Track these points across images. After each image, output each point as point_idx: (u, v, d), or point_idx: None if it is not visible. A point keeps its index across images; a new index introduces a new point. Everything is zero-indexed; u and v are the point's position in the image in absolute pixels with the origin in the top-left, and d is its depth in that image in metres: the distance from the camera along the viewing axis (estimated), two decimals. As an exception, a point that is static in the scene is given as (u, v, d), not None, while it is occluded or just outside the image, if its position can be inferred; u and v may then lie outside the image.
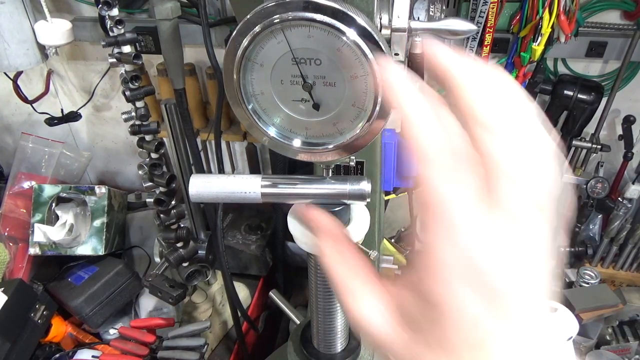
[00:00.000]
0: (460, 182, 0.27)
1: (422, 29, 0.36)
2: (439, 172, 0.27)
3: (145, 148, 1.06)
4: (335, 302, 0.61)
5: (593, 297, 1.23)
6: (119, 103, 1.55)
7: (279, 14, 0.34)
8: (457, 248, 0.26)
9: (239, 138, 1.44)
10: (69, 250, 1.34)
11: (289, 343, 0.71)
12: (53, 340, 1.32)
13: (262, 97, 0.39)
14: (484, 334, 0.27)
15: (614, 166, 1.37)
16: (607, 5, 1.17)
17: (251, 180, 0.45)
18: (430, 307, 0.27)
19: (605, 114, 1.27)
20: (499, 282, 0.26)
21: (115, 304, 1.36)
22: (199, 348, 1.19)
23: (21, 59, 1.18)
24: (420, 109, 0.28)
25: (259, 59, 0.37)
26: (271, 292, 0.94)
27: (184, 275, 1.21)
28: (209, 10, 1.24)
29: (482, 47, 1.18)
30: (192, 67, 1.34)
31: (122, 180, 1.78)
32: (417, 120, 0.27)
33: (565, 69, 1.29)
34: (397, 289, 0.30)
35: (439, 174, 0.27)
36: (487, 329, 0.26)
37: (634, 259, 1.40)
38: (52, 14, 1.16)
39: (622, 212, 1.30)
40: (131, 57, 0.97)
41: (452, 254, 0.26)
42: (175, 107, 1.05)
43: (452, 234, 0.26)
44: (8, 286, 1.21)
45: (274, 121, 0.41)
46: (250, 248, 1.48)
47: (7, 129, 1.68)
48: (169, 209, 1.11)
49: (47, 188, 1.36)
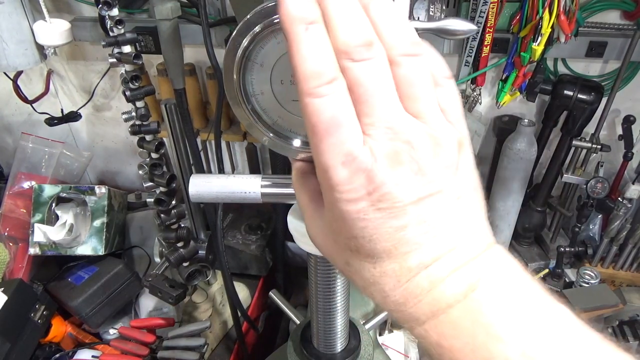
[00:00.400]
0: (343, 104, 0.28)
1: (422, 28, 0.36)
2: (323, 94, 0.28)
3: (145, 148, 1.06)
4: (335, 302, 0.61)
5: (593, 297, 1.23)
6: (119, 103, 1.55)
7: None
8: (352, 166, 0.28)
9: (239, 138, 1.44)
10: (69, 250, 1.34)
11: (289, 343, 0.71)
12: (53, 340, 1.32)
13: (262, 97, 0.39)
14: (393, 240, 0.30)
15: (614, 166, 1.37)
16: (607, 5, 1.17)
17: (251, 180, 0.45)
18: (341, 222, 0.31)
19: (605, 114, 1.27)
20: (394, 191, 0.29)
21: (115, 304, 1.36)
22: (199, 348, 1.19)
23: (20, 59, 1.18)
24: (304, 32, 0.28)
25: (259, 59, 0.37)
26: (271, 292, 0.94)
27: (184, 275, 1.21)
28: (209, 10, 1.24)
29: (482, 47, 1.18)
30: (192, 67, 1.34)
31: (122, 180, 1.78)
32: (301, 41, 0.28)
33: (565, 69, 1.30)
34: (324, 209, 0.34)
35: (324, 97, 0.28)
36: (392, 236, 0.30)
37: (634, 259, 1.40)
38: (52, 14, 1.17)
39: (622, 212, 1.30)
40: (131, 57, 0.97)
41: (347, 172, 0.29)
42: (175, 107, 1.05)
43: (345, 153, 0.28)
44: (8, 286, 1.21)
45: (274, 121, 0.41)
46: (250, 248, 1.48)
47: (7, 129, 1.68)
48: (169, 209, 1.11)
49: (47, 188, 1.36)
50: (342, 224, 0.31)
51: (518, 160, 1.30)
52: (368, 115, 0.29)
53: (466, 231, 0.31)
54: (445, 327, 0.30)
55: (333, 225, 0.32)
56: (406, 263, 0.31)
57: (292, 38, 0.28)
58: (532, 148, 1.29)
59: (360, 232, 0.30)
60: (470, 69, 1.25)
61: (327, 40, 0.28)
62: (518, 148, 1.28)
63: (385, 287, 0.32)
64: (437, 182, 0.30)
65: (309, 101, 0.28)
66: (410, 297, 0.31)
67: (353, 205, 0.29)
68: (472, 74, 1.25)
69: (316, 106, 0.28)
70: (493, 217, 1.44)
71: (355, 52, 0.28)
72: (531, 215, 1.44)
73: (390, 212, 0.29)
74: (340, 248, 0.33)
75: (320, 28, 0.28)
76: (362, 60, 0.28)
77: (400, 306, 0.32)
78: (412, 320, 0.32)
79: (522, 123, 1.27)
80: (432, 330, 0.31)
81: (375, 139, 0.29)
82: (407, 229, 0.30)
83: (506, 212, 1.41)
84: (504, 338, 0.29)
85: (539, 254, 1.50)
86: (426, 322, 0.31)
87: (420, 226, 0.30)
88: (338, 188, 0.29)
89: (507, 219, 1.43)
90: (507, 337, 0.29)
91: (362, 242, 0.31)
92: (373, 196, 0.29)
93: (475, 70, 1.24)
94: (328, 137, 0.28)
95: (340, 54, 0.28)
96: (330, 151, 0.29)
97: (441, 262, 0.31)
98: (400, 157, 0.29)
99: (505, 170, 1.34)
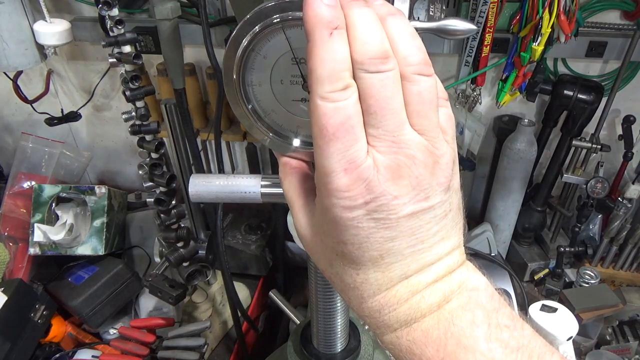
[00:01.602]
0: (353, 113, 0.29)
1: (422, 28, 0.36)
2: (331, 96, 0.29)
3: (145, 148, 1.06)
4: (335, 302, 0.61)
5: (593, 297, 1.23)
6: (119, 103, 1.55)
7: (279, 14, 0.34)
8: (353, 174, 0.29)
9: (239, 138, 1.44)
10: (69, 250, 1.33)
11: (289, 343, 0.71)
12: (53, 340, 1.32)
13: (262, 97, 0.39)
14: (381, 250, 0.31)
15: (614, 166, 1.37)
16: (607, 5, 1.17)
17: (251, 180, 0.45)
18: (333, 226, 0.31)
19: (605, 114, 1.27)
20: (391, 203, 0.29)
21: (115, 304, 1.35)
22: (199, 348, 1.19)
23: (20, 59, 1.18)
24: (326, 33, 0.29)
25: (259, 59, 0.37)
26: (271, 292, 0.94)
27: (184, 275, 1.21)
28: (209, 10, 1.24)
29: (482, 47, 1.18)
30: (192, 67, 1.34)
31: (122, 180, 1.78)
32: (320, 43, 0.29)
33: (565, 69, 1.29)
34: (316, 210, 0.34)
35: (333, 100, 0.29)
36: (381, 246, 0.31)
37: (634, 259, 1.40)
38: (52, 14, 1.17)
39: (622, 212, 1.30)
40: (131, 57, 0.97)
41: (348, 179, 0.29)
42: (175, 107, 1.05)
43: (348, 160, 0.29)
44: (8, 286, 1.21)
45: (274, 121, 0.41)
46: (250, 248, 1.48)
47: (7, 128, 1.68)
48: (169, 208, 1.11)
49: (47, 188, 1.36)
50: (333, 228, 0.32)
51: (518, 160, 1.30)
52: (375, 126, 0.29)
53: (448, 247, 0.33)
54: (417, 335, 0.32)
55: (324, 227, 0.33)
56: (389, 273, 0.32)
57: (314, 39, 0.28)
58: (532, 148, 1.29)
59: (350, 239, 0.31)
60: (470, 69, 1.25)
61: (347, 48, 0.28)
62: (518, 148, 1.28)
63: (364, 293, 0.33)
64: (431, 199, 0.31)
65: (321, 104, 0.29)
66: (386, 305, 0.33)
67: (348, 212, 0.30)
68: (472, 74, 1.25)
69: (328, 110, 0.28)
70: (493, 217, 1.44)
71: (372, 63, 0.28)
72: (531, 215, 1.44)
73: (384, 223, 0.30)
74: (326, 249, 0.34)
75: (344, 35, 0.28)
76: (377, 72, 0.28)
77: (374, 312, 0.33)
78: (384, 326, 0.33)
79: (522, 123, 1.27)
80: (404, 338, 0.32)
81: (380, 151, 0.29)
82: (397, 241, 0.31)
83: (506, 212, 1.41)
84: (472, 348, 0.30)
85: (539, 254, 1.50)
86: (398, 330, 0.33)
87: (409, 239, 0.31)
88: (336, 194, 0.30)
89: (507, 219, 1.43)
90: (475, 347, 0.30)
91: (351, 248, 0.31)
92: (370, 206, 0.30)
93: (475, 70, 1.24)
94: (335, 142, 0.29)
95: (356, 64, 0.28)
96: (335, 156, 0.29)
97: (422, 275, 0.32)
98: (401, 171, 0.29)
99: (505, 170, 1.34)
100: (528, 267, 1.46)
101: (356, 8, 0.29)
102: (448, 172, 0.31)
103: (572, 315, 0.93)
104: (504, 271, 1.32)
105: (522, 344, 0.31)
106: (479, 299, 0.32)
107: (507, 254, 1.54)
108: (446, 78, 1.35)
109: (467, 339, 0.30)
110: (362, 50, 0.28)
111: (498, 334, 0.31)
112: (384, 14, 0.30)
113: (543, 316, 0.92)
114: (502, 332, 0.31)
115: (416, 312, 0.32)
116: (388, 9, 0.30)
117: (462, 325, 0.31)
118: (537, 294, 1.44)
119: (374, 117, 0.29)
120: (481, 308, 0.32)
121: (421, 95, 0.30)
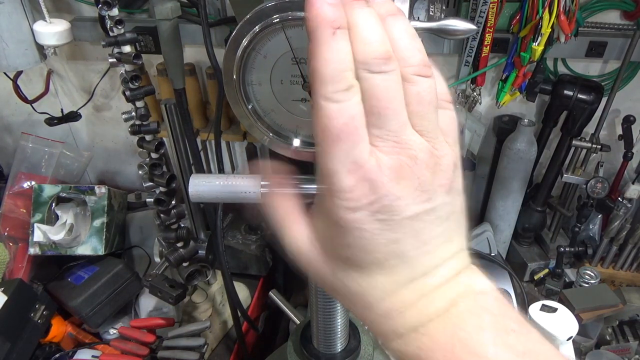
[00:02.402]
0: (356, 113, 0.29)
1: (421, 28, 0.36)
2: (337, 96, 0.28)
3: (145, 148, 1.06)
4: (336, 302, 0.61)
5: (593, 297, 1.23)
6: (119, 103, 1.55)
7: (279, 14, 0.34)
8: (357, 174, 0.29)
9: (239, 138, 1.44)
10: (69, 250, 1.33)
11: (289, 343, 0.71)
12: (53, 340, 1.32)
13: (262, 96, 0.39)
14: (385, 252, 0.30)
15: (614, 166, 1.37)
16: (607, 5, 1.17)
17: (251, 180, 0.44)
18: (336, 229, 0.31)
19: (605, 114, 1.27)
20: (395, 204, 0.29)
21: (115, 304, 1.35)
22: (199, 348, 1.19)
23: (20, 59, 1.18)
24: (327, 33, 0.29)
25: (259, 59, 0.37)
26: (271, 292, 0.94)
27: (184, 275, 1.21)
28: (209, 10, 1.24)
29: (482, 47, 1.18)
30: (192, 67, 1.34)
31: (122, 180, 1.78)
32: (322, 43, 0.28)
33: (565, 69, 1.29)
34: (314, 216, 0.35)
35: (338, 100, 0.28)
36: (385, 248, 0.30)
37: (634, 259, 1.40)
38: (52, 14, 1.16)
39: (622, 212, 1.30)
40: (131, 57, 0.97)
41: (352, 180, 0.29)
42: (175, 107, 1.05)
43: (352, 161, 0.29)
44: (8, 286, 1.21)
45: (273, 121, 0.41)
46: (250, 248, 1.48)
47: (7, 129, 1.68)
48: (169, 208, 1.11)
49: (47, 188, 1.36)
50: (336, 231, 0.31)
51: (518, 160, 1.30)
52: (378, 127, 0.29)
53: (452, 249, 0.33)
54: (425, 340, 0.31)
55: (326, 232, 0.33)
56: (395, 276, 0.31)
57: (317, 39, 0.28)
58: (532, 148, 1.29)
59: (354, 241, 0.31)
60: (470, 69, 1.25)
61: (350, 48, 0.28)
62: (518, 148, 1.28)
63: (370, 298, 0.33)
64: (433, 200, 0.31)
65: (324, 104, 0.28)
66: (393, 310, 0.32)
67: (352, 214, 0.30)
68: (472, 74, 1.25)
69: (331, 111, 0.28)
70: (493, 217, 1.44)
71: (374, 64, 0.28)
72: (531, 215, 1.44)
73: (388, 224, 0.30)
74: (328, 257, 0.34)
75: (346, 35, 0.28)
76: (379, 73, 0.28)
77: (381, 318, 0.33)
78: (391, 333, 0.33)
79: (522, 123, 1.27)
80: (411, 344, 0.32)
81: (383, 151, 0.29)
82: (401, 243, 0.30)
83: (506, 212, 1.41)
84: (481, 354, 0.30)
85: (539, 254, 1.50)
86: (405, 335, 0.32)
87: (413, 240, 0.31)
88: (340, 195, 0.30)
89: (507, 219, 1.43)
90: (483, 353, 0.30)
91: (354, 251, 0.31)
92: (373, 206, 0.29)
93: (475, 70, 1.24)
94: (338, 143, 0.29)
95: (359, 64, 0.28)
96: (339, 157, 0.29)
97: (428, 278, 0.32)
98: (404, 172, 0.29)
99: (505, 170, 1.34)
100: (528, 267, 1.46)
101: (358, 8, 0.29)
102: (449, 173, 0.31)
103: (572, 315, 0.93)
104: (504, 271, 1.32)
105: (529, 348, 0.30)
106: (486, 303, 0.32)
107: (507, 254, 1.54)
108: (446, 78, 1.35)
109: (475, 344, 0.30)
110: (365, 50, 0.28)
111: (505, 339, 0.30)
112: (384, 14, 0.30)
113: (543, 316, 0.92)
114: (510, 336, 0.31)
115: (423, 317, 0.32)
116: (388, 9, 0.30)
117: (469, 330, 0.31)
118: (537, 294, 1.44)
119: (377, 118, 0.29)
120: (489, 312, 0.31)
121: (420, 96, 0.30)
